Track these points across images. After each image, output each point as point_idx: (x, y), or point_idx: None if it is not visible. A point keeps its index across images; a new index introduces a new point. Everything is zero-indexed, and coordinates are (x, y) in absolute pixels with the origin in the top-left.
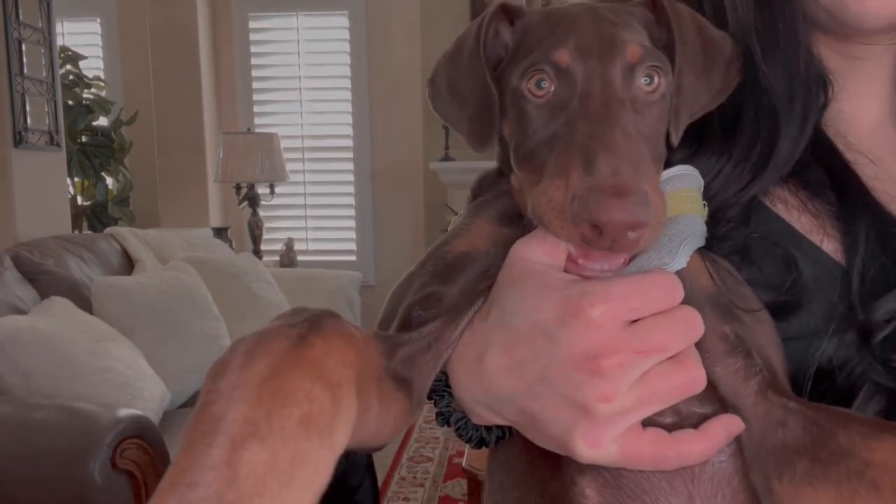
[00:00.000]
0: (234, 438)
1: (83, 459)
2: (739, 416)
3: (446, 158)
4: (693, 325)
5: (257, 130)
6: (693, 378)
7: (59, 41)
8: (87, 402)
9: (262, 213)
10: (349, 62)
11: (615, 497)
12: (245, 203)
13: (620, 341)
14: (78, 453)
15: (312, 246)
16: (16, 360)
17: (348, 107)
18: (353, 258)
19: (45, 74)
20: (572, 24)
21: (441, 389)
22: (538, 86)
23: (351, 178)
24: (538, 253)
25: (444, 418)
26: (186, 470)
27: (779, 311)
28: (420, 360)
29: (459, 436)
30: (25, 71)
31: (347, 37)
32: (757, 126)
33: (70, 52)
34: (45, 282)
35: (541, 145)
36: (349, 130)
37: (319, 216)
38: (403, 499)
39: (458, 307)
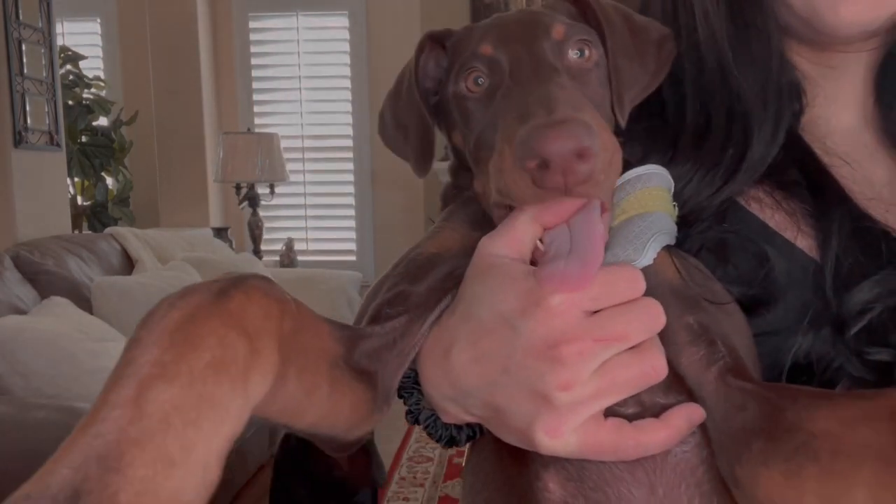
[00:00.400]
0: (142, 379)
1: None
2: (704, 404)
3: (446, 158)
4: (655, 316)
5: (257, 130)
6: (653, 367)
7: (59, 41)
8: (87, 402)
9: (262, 213)
10: (349, 62)
11: (577, 489)
12: (245, 203)
13: (581, 329)
14: None
15: (312, 246)
16: (16, 360)
17: (348, 107)
18: (353, 258)
19: (45, 74)
20: (493, 23)
21: (410, 387)
22: (475, 83)
23: (351, 178)
24: (502, 247)
25: (413, 416)
26: (99, 409)
27: (752, 306)
28: (385, 356)
29: (430, 434)
30: (25, 71)
31: (347, 37)
32: (728, 131)
33: (70, 52)
34: (45, 282)
35: (486, 131)
36: (349, 130)
37: (319, 216)
38: (403, 499)
39: (424, 305)
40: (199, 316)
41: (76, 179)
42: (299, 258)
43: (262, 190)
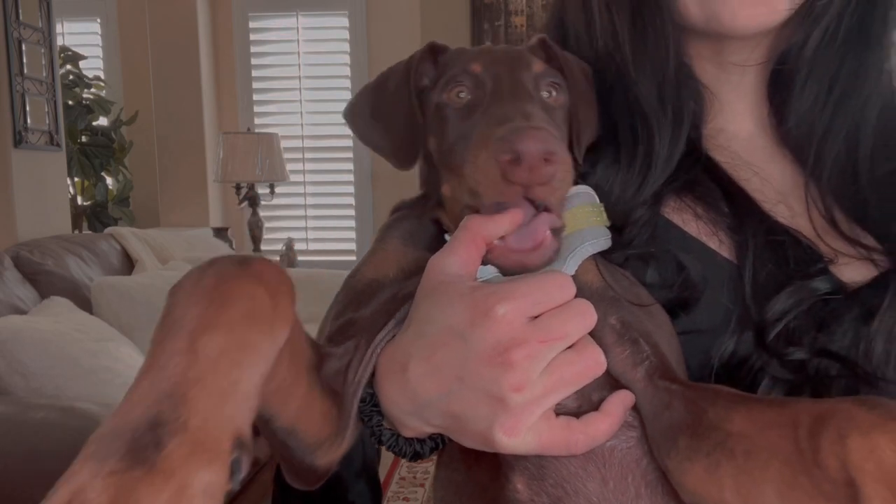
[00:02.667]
0: (192, 332)
1: None
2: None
3: None
4: (588, 314)
5: (257, 130)
6: (594, 361)
7: (59, 41)
8: (87, 402)
9: (262, 213)
10: (349, 62)
11: (540, 487)
12: (245, 203)
13: (526, 333)
14: (78, 453)
15: (312, 246)
16: (16, 360)
17: None
18: (353, 258)
19: (45, 74)
20: (483, 49)
21: (369, 411)
22: (458, 96)
23: (351, 178)
24: (450, 265)
25: (376, 438)
26: (157, 358)
27: (673, 308)
28: (341, 379)
29: (395, 452)
30: (25, 71)
31: (347, 37)
32: (634, 133)
33: (70, 52)
34: (45, 282)
35: (460, 139)
36: (349, 130)
37: (319, 216)
38: (403, 499)
39: (371, 329)
40: (229, 278)
41: (76, 179)
42: (299, 258)
43: (262, 190)
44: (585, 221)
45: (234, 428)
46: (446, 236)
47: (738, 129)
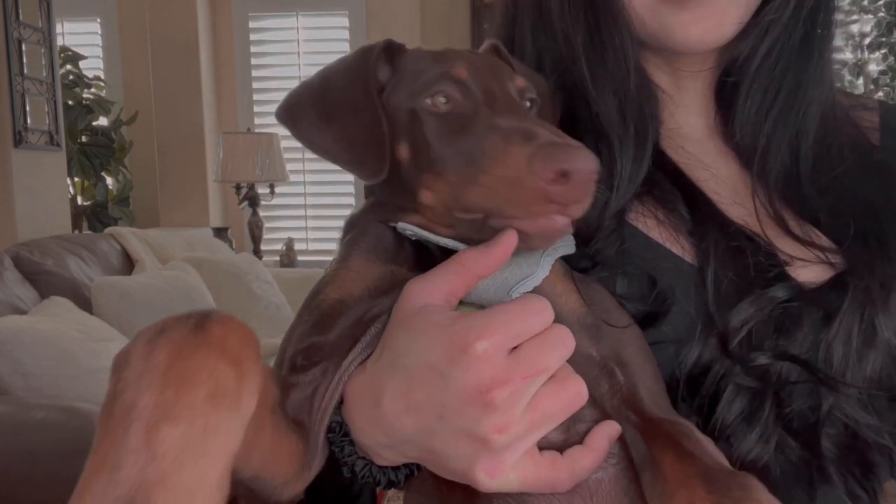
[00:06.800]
0: (148, 423)
1: (83, 459)
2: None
3: None
4: (567, 340)
5: (257, 130)
6: (576, 392)
7: (59, 41)
8: (87, 402)
9: (262, 213)
10: None
11: None
12: (245, 203)
13: (508, 371)
14: (78, 453)
15: (312, 246)
16: (16, 360)
17: None
18: None
19: (45, 74)
20: (457, 54)
21: (340, 440)
22: (439, 101)
23: (351, 178)
24: (431, 293)
25: (349, 468)
26: (108, 455)
27: (647, 321)
28: (307, 407)
29: (368, 481)
30: (25, 71)
31: (347, 37)
32: (597, 153)
33: (70, 52)
34: (45, 282)
35: (457, 151)
36: None
37: (319, 216)
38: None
39: (337, 353)
40: (184, 353)
41: (76, 179)
42: (299, 258)
43: (262, 190)
44: None
45: None
46: (407, 231)
47: (690, 130)
